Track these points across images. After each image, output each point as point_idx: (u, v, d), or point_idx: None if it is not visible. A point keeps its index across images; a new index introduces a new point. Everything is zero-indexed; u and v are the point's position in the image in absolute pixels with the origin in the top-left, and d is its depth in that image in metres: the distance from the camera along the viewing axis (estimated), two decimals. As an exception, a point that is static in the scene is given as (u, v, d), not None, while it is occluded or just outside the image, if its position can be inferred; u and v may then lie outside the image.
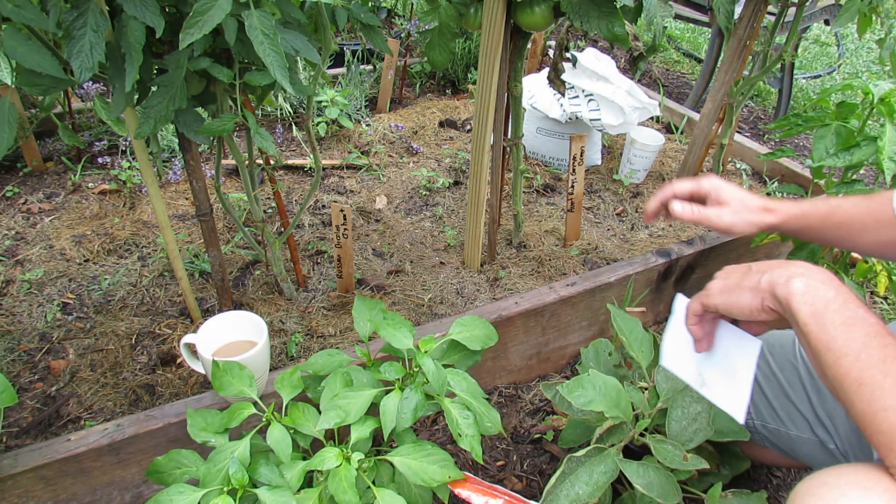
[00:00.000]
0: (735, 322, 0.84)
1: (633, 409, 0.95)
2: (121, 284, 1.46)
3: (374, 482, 0.84)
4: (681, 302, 0.87)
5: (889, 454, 0.60)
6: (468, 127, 2.30)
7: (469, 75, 2.60)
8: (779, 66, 1.86)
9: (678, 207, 1.01)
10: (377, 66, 2.43)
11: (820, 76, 3.41)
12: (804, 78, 3.34)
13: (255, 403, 0.89)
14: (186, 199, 1.78)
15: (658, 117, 2.42)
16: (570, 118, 1.96)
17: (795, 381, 1.05)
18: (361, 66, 2.41)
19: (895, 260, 1.24)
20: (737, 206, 1.00)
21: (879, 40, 1.56)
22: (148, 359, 1.29)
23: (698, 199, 1.05)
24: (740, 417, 0.81)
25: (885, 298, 1.71)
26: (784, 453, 1.10)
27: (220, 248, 1.26)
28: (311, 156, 1.40)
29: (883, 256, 1.09)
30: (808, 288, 0.68)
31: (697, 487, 0.97)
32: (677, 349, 0.88)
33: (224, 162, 1.90)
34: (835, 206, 0.99)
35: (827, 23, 2.82)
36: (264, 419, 0.87)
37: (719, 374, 0.84)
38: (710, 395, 0.85)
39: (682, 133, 2.34)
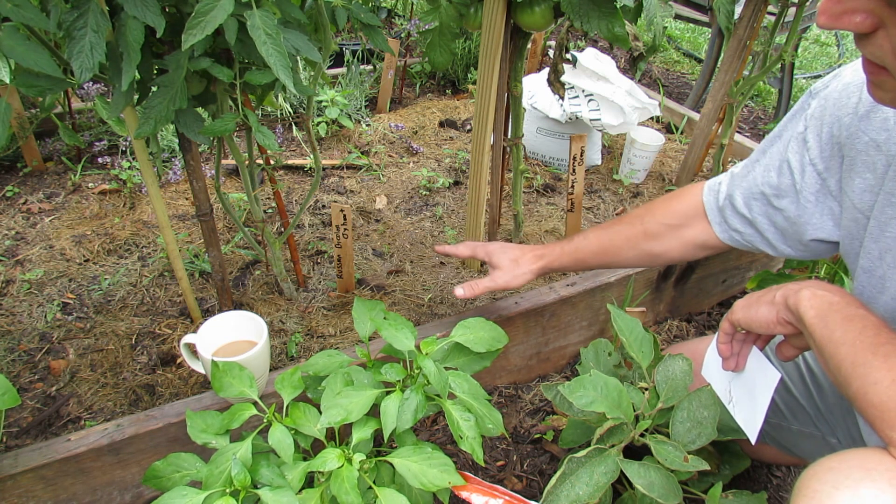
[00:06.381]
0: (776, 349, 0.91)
1: (634, 410, 0.95)
2: (121, 284, 1.46)
3: (374, 482, 0.84)
4: None
5: (882, 426, 0.63)
6: (468, 127, 2.30)
7: (469, 75, 2.60)
8: (779, 66, 1.86)
9: (460, 292, 1.20)
10: (377, 66, 2.43)
11: (820, 76, 3.41)
12: (804, 78, 3.34)
13: (255, 404, 0.89)
14: (186, 199, 1.78)
15: (658, 117, 2.42)
16: (570, 118, 1.96)
17: (796, 376, 1.06)
18: (361, 66, 2.41)
19: (646, 266, 1.47)
20: (508, 266, 1.19)
21: (879, 40, 1.56)
22: (148, 359, 1.29)
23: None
24: (752, 439, 0.87)
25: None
26: (785, 450, 1.11)
27: (220, 248, 1.26)
28: (311, 156, 1.40)
29: (640, 266, 1.36)
30: (814, 295, 0.74)
31: (698, 487, 0.97)
32: (715, 364, 0.95)
33: (224, 162, 1.90)
34: (590, 240, 1.17)
35: (827, 23, 2.81)
36: (265, 420, 0.87)
37: (744, 395, 0.91)
38: (733, 411, 0.92)
39: (682, 133, 2.34)
